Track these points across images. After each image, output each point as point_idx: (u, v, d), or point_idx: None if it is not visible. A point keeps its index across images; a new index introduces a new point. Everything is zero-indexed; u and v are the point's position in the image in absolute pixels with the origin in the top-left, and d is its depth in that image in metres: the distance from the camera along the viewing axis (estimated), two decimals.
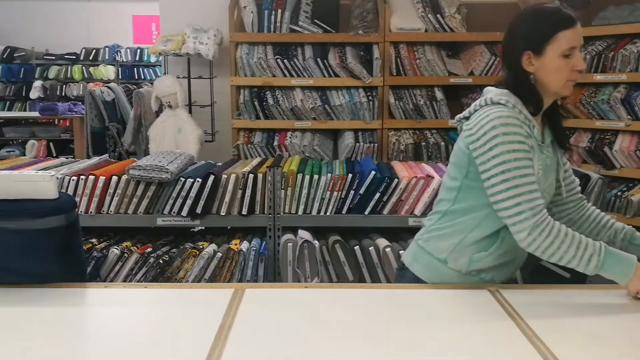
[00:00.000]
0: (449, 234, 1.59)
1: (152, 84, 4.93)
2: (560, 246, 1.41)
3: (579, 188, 1.70)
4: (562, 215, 1.67)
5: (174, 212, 2.60)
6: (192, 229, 2.90)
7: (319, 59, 3.82)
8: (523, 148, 1.44)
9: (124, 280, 2.54)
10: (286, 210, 2.67)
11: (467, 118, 1.56)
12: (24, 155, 6.59)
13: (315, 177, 2.65)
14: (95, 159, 3.09)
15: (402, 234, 2.70)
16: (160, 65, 6.32)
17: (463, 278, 1.59)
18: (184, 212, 2.60)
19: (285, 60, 3.84)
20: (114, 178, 2.62)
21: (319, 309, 1.43)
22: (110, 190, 2.61)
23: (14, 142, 7.17)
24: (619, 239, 1.64)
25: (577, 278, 1.76)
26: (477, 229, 1.55)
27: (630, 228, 1.65)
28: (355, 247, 2.59)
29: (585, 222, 1.67)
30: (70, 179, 2.60)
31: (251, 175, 2.64)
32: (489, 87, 1.59)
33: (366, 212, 2.64)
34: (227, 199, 2.63)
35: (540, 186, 1.49)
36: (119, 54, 9.17)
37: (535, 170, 1.48)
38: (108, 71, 9.14)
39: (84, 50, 9.17)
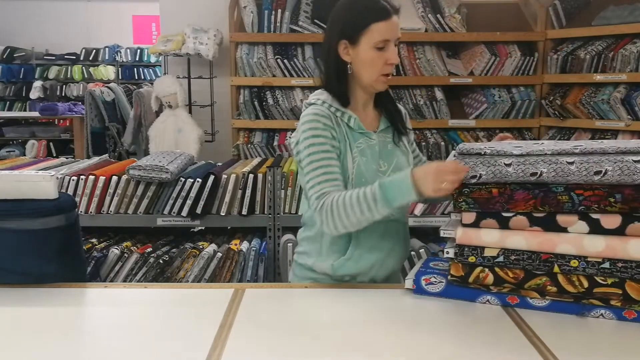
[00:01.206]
0: (309, 242, 1.62)
1: (152, 84, 4.93)
2: (347, 213, 1.42)
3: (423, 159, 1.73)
4: None
5: (174, 212, 2.60)
6: (192, 229, 2.90)
7: (319, 59, 3.82)
8: (318, 142, 1.49)
9: (124, 281, 2.54)
10: (286, 210, 2.67)
11: None
12: (24, 155, 6.60)
13: None
14: (95, 159, 3.09)
15: None
16: (160, 66, 6.32)
17: (337, 282, 1.60)
18: (184, 212, 2.60)
19: (285, 60, 3.83)
20: (114, 178, 2.62)
21: (319, 309, 1.43)
22: (110, 190, 2.61)
23: (14, 142, 7.17)
24: None
25: None
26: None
27: None
28: None
29: None
30: (70, 179, 2.60)
31: (251, 175, 2.64)
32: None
33: None
34: (227, 199, 2.63)
35: (368, 168, 1.53)
36: (119, 54, 9.17)
37: (350, 158, 1.51)
38: (108, 71, 9.15)
39: (84, 50, 9.18)
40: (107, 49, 9.20)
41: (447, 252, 1.43)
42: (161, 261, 2.54)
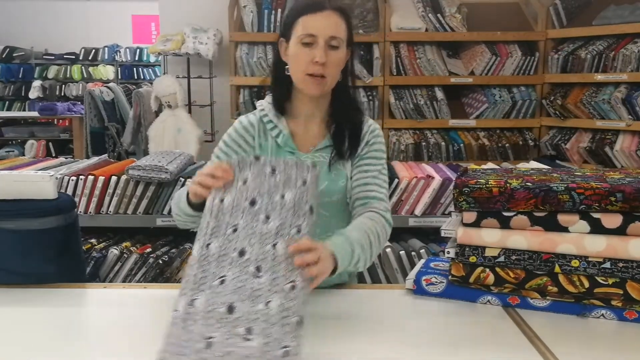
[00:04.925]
0: None
1: (151, 83, 4.93)
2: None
3: (369, 203, 1.47)
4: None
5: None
6: (191, 229, 2.88)
7: None
8: (218, 150, 1.56)
9: (124, 281, 2.53)
10: None
11: None
12: (23, 155, 6.60)
13: None
14: (94, 159, 3.08)
15: (402, 234, 2.69)
16: (159, 65, 6.31)
17: None
18: None
19: None
20: (114, 178, 2.61)
21: (318, 309, 1.42)
22: (110, 190, 2.61)
23: (13, 142, 7.17)
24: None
25: None
26: None
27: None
28: None
29: None
30: (69, 179, 2.59)
31: None
32: None
33: None
34: None
35: None
36: (118, 53, 9.16)
37: None
38: (107, 71, 9.14)
39: (83, 50, 9.16)
40: (106, 48, 9.19)
41: (448, 252, 1.43)
42: (161, 261, 2.54)
